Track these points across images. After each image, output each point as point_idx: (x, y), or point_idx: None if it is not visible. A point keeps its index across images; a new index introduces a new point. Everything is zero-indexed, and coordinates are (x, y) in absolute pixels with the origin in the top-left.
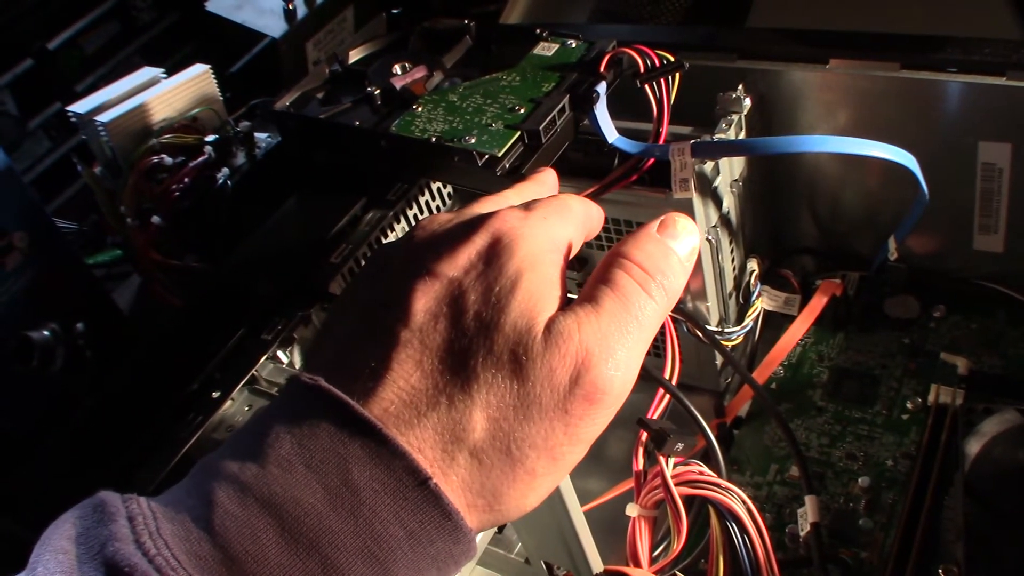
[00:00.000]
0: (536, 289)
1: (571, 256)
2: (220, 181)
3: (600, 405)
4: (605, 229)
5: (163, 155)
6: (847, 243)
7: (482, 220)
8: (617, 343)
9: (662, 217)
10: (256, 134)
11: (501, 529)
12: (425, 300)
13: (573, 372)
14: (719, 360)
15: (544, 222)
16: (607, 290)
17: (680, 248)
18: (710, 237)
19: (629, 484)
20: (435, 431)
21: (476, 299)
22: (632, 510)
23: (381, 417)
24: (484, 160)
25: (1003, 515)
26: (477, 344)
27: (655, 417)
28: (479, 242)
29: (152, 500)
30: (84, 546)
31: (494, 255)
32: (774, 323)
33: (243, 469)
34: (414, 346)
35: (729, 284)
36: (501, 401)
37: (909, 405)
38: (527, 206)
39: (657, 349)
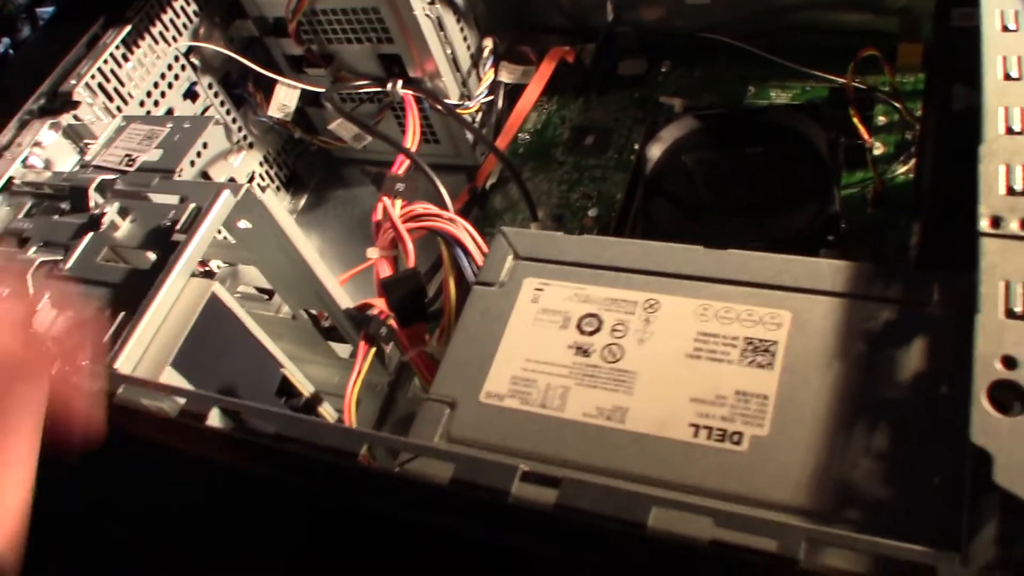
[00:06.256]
0: None
1: None
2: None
3: None
4: (336, 20)
5: None
6: (587, 20)
7: None
8: None
9: None
10: (37, 9)
11: (271, 296)
12: None
13: None
14: (471, 136)
15: None
16: None
17: None
18: (429, 13)
19: None
20: None
21: None
22: (372, 252)
23: None
24: None
25: (671, 196)
26: None
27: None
28: None
29: None
30: None
31: None
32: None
33: None
34: None
35: (465, 62)
36: None
37: (636, 146)
38: None
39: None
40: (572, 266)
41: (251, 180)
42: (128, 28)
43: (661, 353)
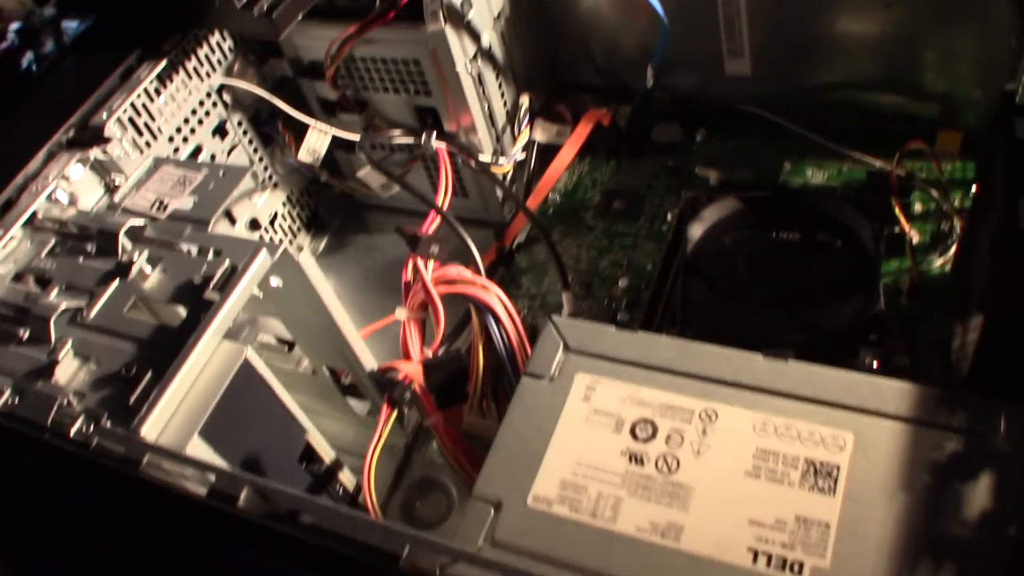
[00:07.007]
0: None
1: None
2: (25, 66)
3: None
4: (375, 68)
5: None
6: (622, 80)
7: None
8: None
9: None
10: (64, 22)
11: (291, 348)
12: None
13: None
14: (500, 193)
15: None
16: None
17: None
18: (470, 70)
19: None
20: None
21: None
22: (401, 313)
23: None
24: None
25: (709, 278)
26: None
27: (427, 231)
28: None
29: None
30: None
31: None
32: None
33: None
34: None
35: (500, 117)
36: None
37: (669, 217)
38: None
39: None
40: (626, 364)
41: (273, 220)
42: (164, 62)
43: (718, 468)
